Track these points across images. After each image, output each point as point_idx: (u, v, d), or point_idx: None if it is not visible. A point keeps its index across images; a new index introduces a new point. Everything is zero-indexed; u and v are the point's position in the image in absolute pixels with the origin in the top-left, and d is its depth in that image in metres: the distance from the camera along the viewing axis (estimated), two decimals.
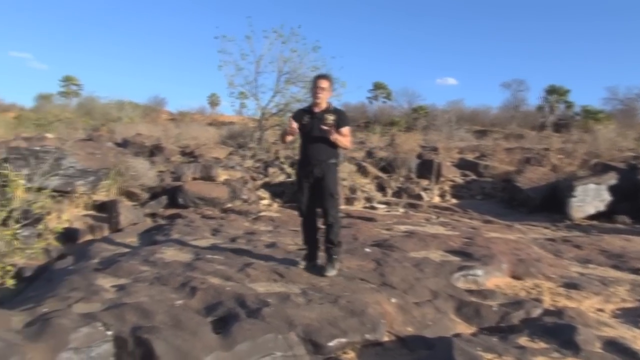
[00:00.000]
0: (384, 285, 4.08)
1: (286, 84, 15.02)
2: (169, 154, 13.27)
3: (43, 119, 23.70)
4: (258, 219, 7.54)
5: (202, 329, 2.86)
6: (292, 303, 3.36)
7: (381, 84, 51.12)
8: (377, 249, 5.29)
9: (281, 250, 5.03)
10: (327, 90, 4.18)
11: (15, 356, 2.31)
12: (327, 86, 4.18)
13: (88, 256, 4.86)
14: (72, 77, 52.77)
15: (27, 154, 7.37)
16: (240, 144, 15.29)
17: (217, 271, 4.08)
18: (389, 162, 11.98)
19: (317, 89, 4.16)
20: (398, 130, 26.54)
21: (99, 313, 2.93)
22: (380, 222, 7.41)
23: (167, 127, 23.41)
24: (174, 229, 6.18)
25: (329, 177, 4.17)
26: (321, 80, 4.19)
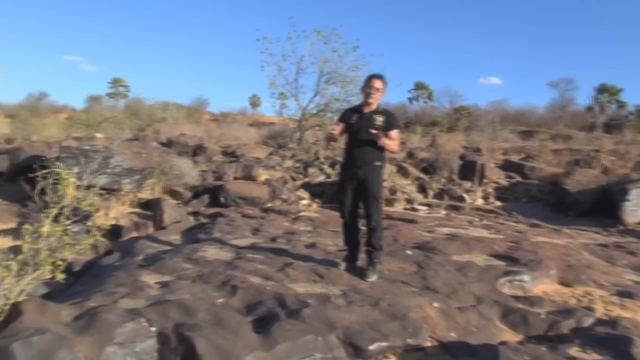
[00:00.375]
0: (426, 289, 3.99)
1: (326, 84, 15.03)
2: (211, 153, 13.51)
3: (92, 120, 24.62)
4: (297, 218, 7.55)
5: (242, 328, 2.87)
6: (332, 305, 3.33)
7: (422, 83, 50.51)
8: (419, 252, 5.19)
9: (321, 251, 5.00)
10: (380, 91, 4.07)
11: (63, 349, 2.37)
12: (381, 87, 4.06)
13: (133, 253, 4.99)
14: (120, 79, 54.73)
15: (77, 153, 7.65)
16: (281, 144, 15.40)
17: (258, 270, 4.09)
18: (431, 163, 11.77)
19: (370, 89, 4.05)
20: (439, 130, 26.11)
21: (143, 309, 2.99)
22: (422, 224, 7.27)
23: (210, 128, 23.89)
24: (216, 227, 6.26)
25: (374, 180, 4.07)
26: (376, 81, 4.05)
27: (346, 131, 4.17)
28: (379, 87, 4.05)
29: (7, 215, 7.13)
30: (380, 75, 4.14)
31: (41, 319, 2.68)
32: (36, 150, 9.82)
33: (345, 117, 4.20)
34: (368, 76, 4.20)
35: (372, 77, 4.11)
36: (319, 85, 15.15)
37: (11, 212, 7.32)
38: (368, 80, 4.12)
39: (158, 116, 26.17)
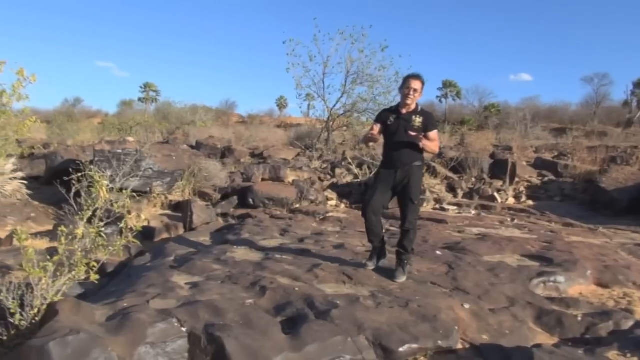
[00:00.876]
0: (456, 290, 3.92)
1: (353, 84, 14.99)
2: (239, 155, 13.67)
3: (124, 124, 25.21)
4: (325, 219, 7.55)
5: (271, 329, 2.87)
6: (361, 306, 3.30)
7: (451, 82, 49.91)
8: (449, 252, 5.12)
9: (349, 252, 4.98)
10: (418, 91, 3.97)
11: (98, 348, 2.42)
12: (419, 87, 3.96)
13: (164, 254, 5.07)
14: (151, 83, 55.96)
15: (110, 157, 7.84)
16: (308, 145, 15.45)
17: (286, 271, 4.10)
18: (460, 162, 11.59)
19: (408, 89, 3.96)
20: (468, 129, 25.70)
21: (174, 309, 3.03)
22: (451, 224, 7.17)
23: (238, 130, 24.17)
24: (244, 228, 6.31)
25: (413, 181, 4.00)
26: (414, 81, 3.96)
27: (383, 132, 4.12)
28: (417, 88, 3.96)
29: (44, 218, 7.36)
30: (418, 75, 4.03)
31: (76, 319, 2.74)
32: (71, 154, 10.11)
33: (383, 117, 4.14)
34: (406, 76, 4.12)
35: (410, 78, 4.02)
36: (346, 86, 15.14)
37: (48, 215, 7.56)
38: (406, 81, 4.04)
39: (187, 119, 26.62)
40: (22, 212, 7.19)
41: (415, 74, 4.06)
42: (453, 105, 49.87)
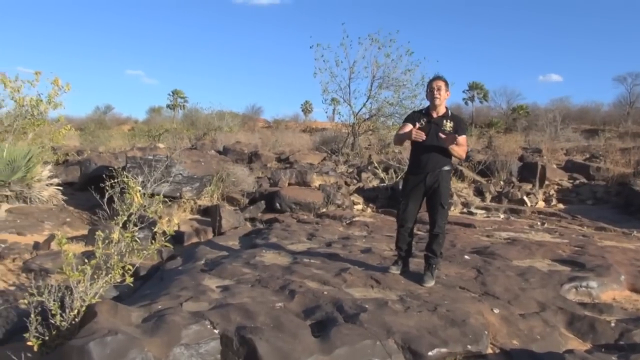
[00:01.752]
0: (485, 294, 3.90)
1: (379, 88, 15.00)
2: (265, 160, 13.80)
3: (153, 131, 25.78)
4: (352, 223, 7.57)
5: (301, 332, 2.92)
6: (390, 310, 3.32)
7: (477, 84, 49.28)
8: (477, 257, 5.08)
9: (377, 256, 5.00)
10: (443, 90, 3.99)
11: (135, 349, 2.51)
12: (442, 86, 3.99)
13: (195, 258, 5.18)
14: (179, 90, 57.01)
15: (141, 163, 8.04)
16: (333, 150, 15.50)
17: (315, 275, 4.14)
18: (488, 165, 11.45)
19: (433, 90, 3.99)
20: (496, 131, 25.33)
21: (206, 312, 3.10)
22: (480, 228, 7.10)
23: (264, 135, 24.40)
24: (272, 233, 6.39)
25: (443, 186, 4.01)
26: (437, 81, 4.01)
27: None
28: (440, 86, 3.99)
29: (79, 223, 7.59)
30: (439, 75, 4.08)
31: (114, 320, 2.84)
32: (104, 161, 10.41)
33: (413, 119, 4.13)
34: (429, 80, 4.16)
35: (432, 80, 4.07)
36: (372, 90, 15.16)
37: (83, 220, 7.80)
38: (429, 84, 4.09)
39: (214, 125, 26.98)
40: (58, 217, 7.44)
41: (436, 75, 4.13)
42: (480, 107, 49.22)
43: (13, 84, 9.77)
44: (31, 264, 5.16)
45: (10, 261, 5.41)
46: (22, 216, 7.08)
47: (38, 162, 8.34)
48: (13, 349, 3.11)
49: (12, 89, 9.80)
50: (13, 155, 7.60)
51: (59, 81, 10.13)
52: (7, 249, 5.68)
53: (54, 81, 10.12)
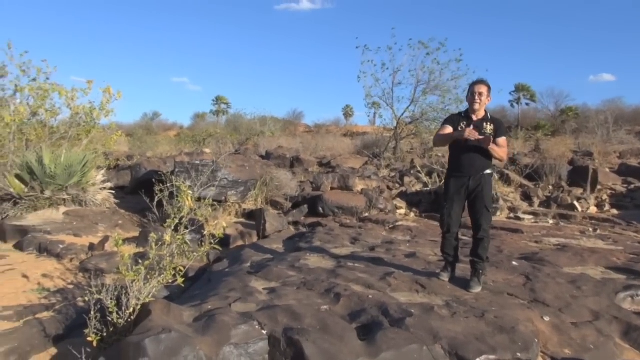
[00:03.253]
0: (535, 302, 3.80)
1: (423, 93, 14.87)
2: (307, 164, 13.90)
3: (198, 136, 26.46)
4: (395, 228, 7.54)
5: (347, 335, 2.94)
6: (436, 315, 3.29)
7: (524, 85, 47.89)
8: (526, 263, 4.96)
9: (421, 261, 4.96)
10: (485, 95, 3.97)
11: (187, 347, 2.60)
12: (485, 91, 3.97)
13: (241, 260, 5.30)
14: (222, 97, 58.26)
15: (189, 168, 8.29)
16: (375, 154, 15.44)
17: (359, 279, 4.16)
18: (536, 169, 11.12)
19: (475, 94, 3.97)
20: (544, 134, 24.52)
21: (254, 313, 3.18)
22: (528, 234, 6.92)
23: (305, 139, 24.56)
24: (316, 236, 6.44)
25: (486, 189, 3.98)
26: (479, 86, 3.98)
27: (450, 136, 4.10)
28: (482, 92, 3.96)
29: (131, 225, 7.89)
30: (482, 80, 4.05)
31: (167, 319, 2.96)
32: (153, 165, 10.77)
33: (454, 122, 4.11)
34: (471, 83, 4.13)
35: (474, 84, 4.04)
36: (415, 95, 15.04)
37: (133, 222, 8.10)
38: (470, 87, 4.06)
39: (257, 130, 27.41)
40: (111, 220, 7.76)
41: (479, 79, 4.09)
42: (526, 109, 47.78)
43: (69, 93, 10.30)
44: (87, 264, 5.42)
45: (68, 261, 5.70)
46: (78, 218, 7.43)
47: (92, 167, 8.73)
48: (73, 344, 3.29)
49: (67, 97, 10.33)
50: (70, 160, 7.99)
51: (111, 89, 10.61)
52: (65, 249, 5.98)
53: (106, 89, 10.60)
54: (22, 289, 4.64)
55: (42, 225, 6.84)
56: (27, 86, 9.81)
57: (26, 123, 9.58)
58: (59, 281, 4.98)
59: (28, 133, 9.49)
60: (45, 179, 7.74)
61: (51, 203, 7.70)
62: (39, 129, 9.81)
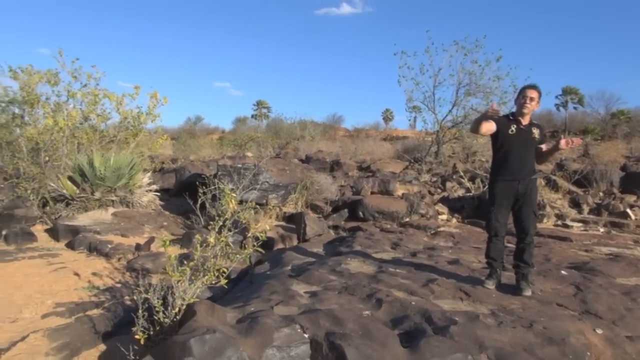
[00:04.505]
0: (586, 313, 3.65)
1: (465, 95, 14.58)
2: (347, 168, 13.89)
3: (239, 140, 26.92)
4: (437, 234, 7.41)
5: (390, 341, 2.90)
6: (482, 324, 3.21)
7: (572, 88, 46.25)
8: (576, 272, 4.77)
9: (465, 268, 4.85)
10: (535, 101, 3.93)
11: (231, 348, 2.63)
12: (536, 96, 3.93)
13: (282, 263, 5.33)
14: (263, 101, 59.05)
15: (231, 171, 8.43)
16: (416, 158, 15.25)
17: (401, 285, 4.11)
18: (585, 175, 10.71)
19: (525, 99, 3.93)
20: (593, 139, 23.60)
21: (296, 316, 3.19)
22: (577, 243, 6.66)
23: (344, 143, 24.56)
24: (356, 241, 6.41)
25: (533, 193, 3.98)
26: (531, 90, 3.94)
27: (499, 139, 4.02)
28: (533, 97, 3.92)
29: (175, 227, 8.09)
30: (535, 85, 4.01)
31: (211, 320, 3.00)
32: (197, 168, 11.02)
33: (501, 123, 4.02)
34: (522, 87, 4.07)
35: (526, 88, 3.99)
36: (458, 97, 14.76)
37: (177, 224, 8.31)
38: (522, 90, 4.00)
39: (296, 134, 27.63)
40: (156, 221, 7.98)
41: (532, 84, 4.07)
42: (574, 113, 46.10)
43: (118, 98, 10.69)
44: (134, 264, 5.58)
45: (116, 260, 5.89)
46: (125, 219, 7.68)
47: (139, 170, 9.02)
48: (121, 342, 3.39)
49: (117, 103, 10.72)
50: (118, 163, 8.28)
51: (158, 95, 10.95)
52: (113, 249, 6.20)
53: (153, 95, 10.95)
54: (74, 286, 4.83)
55: (92, 226, 7.11)
56: (79, 92, 10.25)
57: (78, 127, 10.00)
58: (108, 280, 5.16)
59: (80, 137, 9.90)
60: (95, 180, 8.05)
61: (100, 204, 8.00)
62: (90, 132, 10.21)
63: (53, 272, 5.22)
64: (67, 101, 10.19)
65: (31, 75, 9.62)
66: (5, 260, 5.55)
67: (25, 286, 4.73)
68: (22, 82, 9.58)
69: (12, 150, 8.70)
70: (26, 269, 5.29)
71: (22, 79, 9.57)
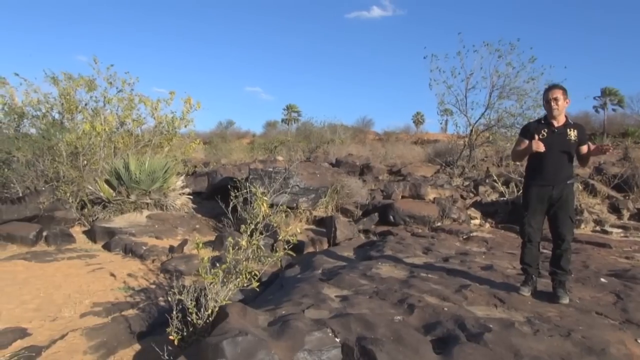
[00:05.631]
0: (627, 322, 3.51)
1: (499, 98, 14.28)
2: (377, 172, 13.82)
3: (269, 144, 27.15)
4: (469, 239, 7.28)
5: (422, 347, 2.86)
6: (517, 331, 3.13)
7: (611, 89, 44.83)
8: (616, 280, 4.60)
9: (499, 274, 4.75)
10: (562, 99, 3.82)
11: (263, 350, 2.65)
12: (559, 95, 3.82)
13: (312, 267, 5.34)
14: (293, 105, 59.45)
15: (262, 174, 8.51)
16: (448, 162, 15.04)
17: (433, 290, 4.05)
18: (625, 179, 10.34)
19: (550, 101, 3.84)
20: (633, 142, 22.77)
21: (327, 320, 3.18)
22: (616, 249, 6.43)
23: (375, 147, 24.47)
24: (387, 245, 6.36)
25: (569, 198, 3.86)
26: (553, 91, 3.85)
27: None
28: (557, 97, 3.82)
29: (207, 229, 8.22)
30: (555, 84, 3.97)
31: (243, 322, 3.03)
32: (228, 172, 11.17)
33: (533, 130, 3.96)
34: (544, 90, 4.00)
35: (547, 90, 3.93)
36: (490, 100, 14.48)
37: (209, 227, 8.43)
38: (545, 94, 3.94)
39: (326, 138, 27.64)
40: (189, 224, 8.12)
41: (551, 84, 4.03)
42: (613, 115, 44.63)
43: (153, 104, 10.96)
44: (167, 266, 5.70)
45: (151, 262, 6.03)
46: (159, 222, 7.85)
47: (173, 173, 9.20)
48: (155, 342, 3.46)
49: (152, 108, 10.99)
50: (153, 167, 8.47)
51: (191, 100, 11.17)
52: (148, 251, 6.34)
53: (187, 100, 11.18)
54: (110, 287, 4.97)
55: (128, 228, 7.29)
56: (115, 97, 10.56)
57: (115, 132, 10.28)
58: (143, 281, 5.28)
59: (116, 141, 10.18)
60: (131, 184, 8.25)
61: (136, 207, 8.19)
62: (126, 137, 10.50)
63: (90, 273, 5.38)
64: (104, 107, 10.51)
65: (69, 82, 9.97)
66: (46, 260, 5.75)
67: (65, 286, 4.89)
68: (61, 89, 9.93)
69: (52, 155, 9.02)
70: (65, 269, 5.46)
71: (61, 86, 9.93)
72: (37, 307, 4.28)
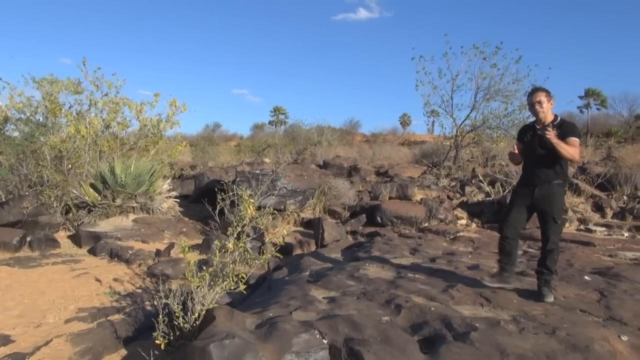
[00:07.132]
0: (610, 319, 3.56)
1: (484, 100, 14.41)
2: (364, 174, 13.85)
3: (257, 146, 27.09)
4: (456, 239, 7.33)
5: (409, 347, 2.88)
6: (503, 330, 3.16)
7: (594, 90, 45.50)
8: (599, 278, 4.67)
9: (484, 273, 4.77)
10: (545, 102, 3.87)
11: (250, 353, 2.64)
12: (542, 98, 3.86)
13: (300, 269, 5.33)
14: (280, 107, 59.39)
15: (249, 177, 8.49)
16: (435, 163, 15.14)
17: (420, 290, 4.07)
18: (608, 178, 10.49)
19: (534, 105, 3.90)
20: (616, 141, 23.12)
21: (315, 322, 3.18)
22: (600, 247, 6.52)
23: (362, 149, 24.53)
24: (374, 246, 6.38)
25: (554, 200, 3.86)
26: (535, 95, 3.90)
27: (523, 149, 4.05)
28: (540, 99, 3.87)
29: (194, 233, 8.17)
30: (536, 88, 4.04)
31: (230, 325, 3.02)
32: (215, 175, 11.13)
33: (522, 134, 4.10)
34: (527, 95, 4.08)
35: (530, 94, 4.00)
36: (476, 101, 14.60)
37: (197, 230, 8.38)
38: (529, 98, 4.00)
39: (314, 140, 27.64)
40: (175, 227, 8.07)
41: (532, 88, 4.13)
42: (596, 115, 45.31)
43: (138, 106, 10.88)
44: (154, 269, 5.65)
45: (137, 266, 5.97)
46: (145, 225, 7.78)
47: (159, 177, 9.13)
48: (142, 346, 3.43)
49: (136, 111, 10.90)
50: (139, 170, 8.40)
51: (177, 102, 11.10)
52: (134, 255, 6.28)
53: (172, 102, 11.11)
54: (96, 292, 4.91)
55: (113, 232, 7.22)
56: (101, 100, 10.46)
57: (100, 135, 10.18)
58: (129, 285, 5.23)
59: (101, 144, 10.09)
60: (116, 187, 8.17)
61: (121, 210, 8.12)
62: (111, 140, 10.40)
63: (75, 278, 5.31)
64: (89, 109, 10.41)
65: (53, 85, 9.85)
66: (30, 266, 5.67)
67: (49, 292, 4.82)
68: (44, 92, 9.82)
69: (36, 159, 8.90)
70: (50, 274, 5.39)
71: (44, 89, 9.81)
72: (20, 313, 4.22)
